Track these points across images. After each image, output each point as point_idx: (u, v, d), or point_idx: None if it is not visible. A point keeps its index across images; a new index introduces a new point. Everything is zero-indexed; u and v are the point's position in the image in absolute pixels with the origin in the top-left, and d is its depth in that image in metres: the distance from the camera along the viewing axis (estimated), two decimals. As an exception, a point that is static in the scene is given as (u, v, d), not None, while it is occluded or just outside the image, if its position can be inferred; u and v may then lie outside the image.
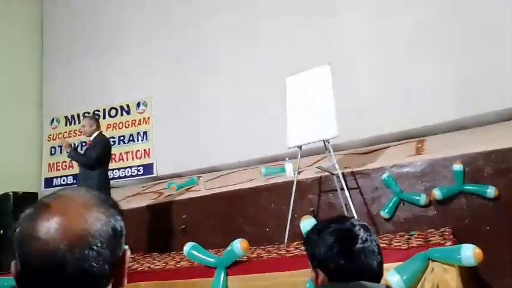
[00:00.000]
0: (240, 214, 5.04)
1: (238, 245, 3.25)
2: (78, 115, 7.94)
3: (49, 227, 0.67)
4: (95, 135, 4.78)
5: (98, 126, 4.87)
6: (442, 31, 5.45)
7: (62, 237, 0.66)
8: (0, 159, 7.22)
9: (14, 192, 5.56)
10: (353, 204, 4.16)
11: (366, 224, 1.17)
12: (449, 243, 3.11)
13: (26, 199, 5.67)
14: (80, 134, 7.68)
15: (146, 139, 7.37)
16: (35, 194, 5.90)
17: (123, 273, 0.77)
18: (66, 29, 8.54)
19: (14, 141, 7.64)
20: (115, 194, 6.74)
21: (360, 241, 1.11)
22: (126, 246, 0.79)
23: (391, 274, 2.63)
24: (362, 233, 1.12)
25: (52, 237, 0.66)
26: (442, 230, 3.95)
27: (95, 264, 0.68)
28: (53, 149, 8.05)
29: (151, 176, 7.23)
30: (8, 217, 5.44)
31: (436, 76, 5.41)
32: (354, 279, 1.07)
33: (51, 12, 8.85)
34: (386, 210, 4.31)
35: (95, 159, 4.68)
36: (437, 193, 4.12)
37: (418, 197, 4.22)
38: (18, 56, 8.28)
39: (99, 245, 0.69)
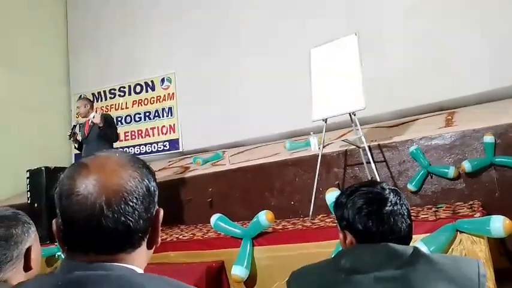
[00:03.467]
0: (265, 188, 5.06)
1: (264, 217, 3.28)
2: (104, 92, 8.08)
3: (87, 183, 0.71)
4: (91, 115, 4.90)
5: (92, 107, 5.05)
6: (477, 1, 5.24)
7: (99, 192, 0.70)
8: (33, 135, 7.48)
9: (46, 167, 5.74)
10: (379, 178, 4.12)
11: (396, 188, 1.16)
12: (478, 214, 3.06)
13: (57, 174, 5.84)
14: (107, 110, 7.86)
15: (171, 115, 7.45)
16: (66, 169, 6.07)
17: (157, 231, 0.80)
18: (91, 6, 8.61)
19: (45, 117, 7.86)
20: (142, 169, 6.89)
21: (389, 204, 1.09)
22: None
23: (418, 245, 2.61)
24: (392, 197, 1.11)
25: (90, 192, 0.70)
26: (471, 202, 3.87)
27: (130, 219, 0.72)
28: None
29: (177, 151, 7.34)
30: (41, 191, 5.64)
31: (470, 45, 5.25)
32: (382, 242, 1.06)
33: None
34: (413, 183, 4.24)
35: (117, 134, 5.00)
36: (466, 165, 4.02)
37: (446, 170, 4.13)
38: (45, 34, 8.42)
39: (134, 201, 0.72)
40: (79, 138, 4.96)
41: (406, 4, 5.71)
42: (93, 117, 4.82)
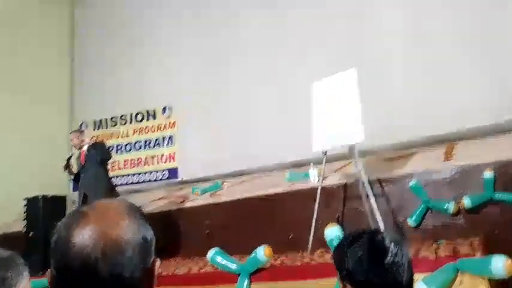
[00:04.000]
0: (264, 220, 5.01)
1: (262, 252, 3.24)
2: (106, 120, 8.13)
3: (84, 233, 0.71)
4: (85, 146, 5.00)
5: (84, 138, 5.17)
6: (483, 32, 5.33)
7: (96, 244, 0.70)
8: (31, 162, 7.46)
9: (43, 196, 5.72)
10: (379, 212, 4.08)
11: (397, 237, 1.15)
12: (479, 253, 3.02)
13: (54, 202, 5.83)
14: (108, 138, 7.89)
15: (172, 143, 7.47)
16: (64, 198, 6.04)
17: (153, 281, 0.79)
18: (97, 34, 8.76)
19: (45, 145, 7.86)
20: (140, 198, 6.86)
21: (390, 255, 1.08)
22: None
23: (419, 285, 2.57)
24: (393, 247, 1.10)
25: (87, 243, 0.70)
26: (472, 239, 3.82)
27: (126, 270, 0.71)
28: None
29: (176, 180, 7.31)
30: (38, 220, 5.59)
31: (472, 77, 5.30)
32: (383, 293, 1.04)
33: (84, 17, 9.11)
34: (413, 218, 4.21)
35: (108, 151, 5.18)
36: (466, 201, 4.00)
37: (446, 205, 4.10)
38: (50, 61, 8.54)
39: (130, 252, 0.73)
40: (74, 169, 5.01)
41: (408, 35, 5.79)
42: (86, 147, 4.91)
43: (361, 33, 6.10)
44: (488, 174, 4.02)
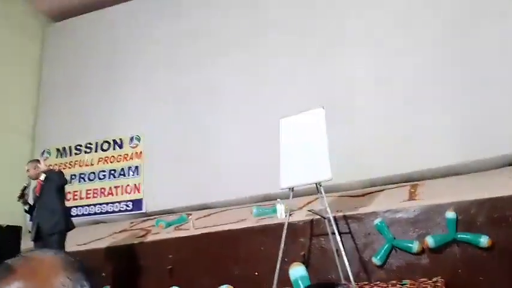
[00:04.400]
0: (229, 256, 4.90)
1: (225, 292, 3.13)
2: (70, 147, 7.87)
3: None
4: (42, 176, 4.84)
5: (40, 169, 4.98)
6: (442, 77, 5.58)
7: None
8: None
9: (-3, 225, 5.41)
10: (344, 250, 4.06)
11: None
12: (442, 295, 3.02)
13: (9, 232, 5.54)
14: (70, 166, 7.63)
15: (137, 174, 7.27)
16: (19, 228, 5.74)
17: None
18: (65, 59, 8.60)
19: (4, 171, 7.50)
20: (102, 230, 6.60)
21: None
22: None
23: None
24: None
25: None
26: (435, 279, 3.86)
27: None
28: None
29: (140, 211, 7.09)
30: (-10, 251, 5.26)
31: (435, 120, 5.49)
32: None
33: (52, 46, 8.93)
34: (378, 257, 4.21)
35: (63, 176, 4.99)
36: (430, 241, 4.05)
37: (410, 244, 4.14)
38: (14, 89, 8.26)
39: None
40: (29, 200, 4.80)
41: (378, 76, 5.97)
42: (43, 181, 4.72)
43: (331, 75, 6.25)
44: (450, 214, 4.10)
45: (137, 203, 7.11)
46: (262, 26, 7.05)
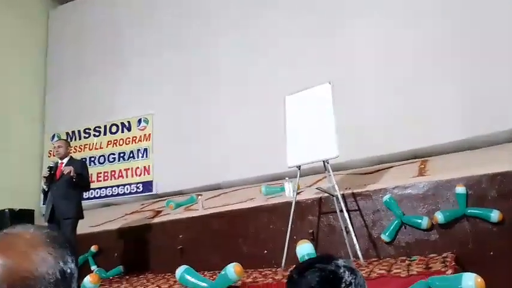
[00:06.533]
0: (239, 234, 4.93)
1: (232, 269, 3.16)
2: (79, 131, 7.93)
3: None
4: (67, 158, 4.83)
5: (70, 150, 5.04)
6: (451, 50, 5.44)
7: (3, 279, 0.62)
8: (1, 174, 7.19)
9: (10, 209, 5.51)
10: (353, 227, 4.06)
11: (352, 265, 1.08)
12: (450, 271, 3.00)
13: (22, 216, 5.63)
14: (80, 150, 7.68)
15: (146, 156, 7.32)
16: (32, 211, 5.84)
17: None
18: (71, 46, 8.59)
19: (14, 156, 7.60)
20: (113, 211, 6.69)
21: (343, 284, 1.02)
22: None
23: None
24: (347, 276, 1.04)
25: None
26: (445, 255, 3.82)
27: None
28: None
29: (151, 193, 7.15)
30: (4, 234, 5.37)
31: (443, 95, 5.38)
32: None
33: (57, 29, 8.93)
34: (387, 234, 4.19)
35: (88, 184, 4.98)
36: (439, 216, 4.00)
37: (420, 220, 4.10)
38: (22, 72, 8.30)
39: None
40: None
41: (378, 52, 5.86)
42: (64, 164, 4.69)
43: (333, 52, 6.14)
44: (460, 189, 4.05)
45: (147, 185, 7.18)
46: (263, 5, 6.93)
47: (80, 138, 7.86)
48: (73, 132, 7.99)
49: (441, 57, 5.49)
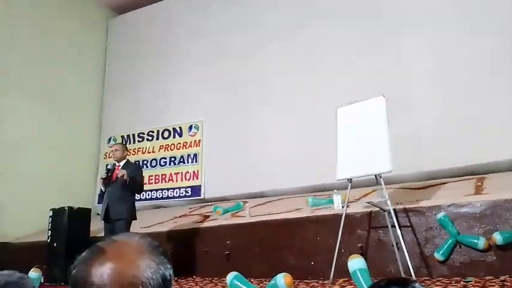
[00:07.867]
0: (285, 245, 4.94)
1: (282, 280, 3.18)
2: (133, 135, 8.27)
3: (102, 272, 0.70)
4: (124, 161, 5.05)
5: (126, 154, 5.21)
6: (509, 61, 5.22)
7: (113, 283, 0.69)
8: (60, 174, 7.63)
9: (69, 207, 5.80)
10: (404, 243, 3.96)
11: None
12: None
13: (79, 214, 5.91)
14: (134, 153, 8.00)
15: (196, 161, 7.51)
16: (89, 210, 6.11)
17: None
18: (128, 54, 9.03)
19: (73, 157, 8.04)
20: (163, 214, 6.90)
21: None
22: None
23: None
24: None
25: (104, 282, 0.69)
26: (503, 278, 3.66)
27: None
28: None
29: (199, 197, 7.32)
30: (62, 231, 5.67)
31: (502, 109, 5.17)
32: None
33: (116, 37, 9.41)
34: (441, 252, 4.06)
35: (142, 186, 5.15)
36: (498, 237, 3.83)
37: (476, 241, 3.94)
38: (83, 76, 8.79)
39: None
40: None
41: (434, 64, 5.74)
42: (121, 167, 4.92)
43: (386, 63, 6.07)
44: (521, 210, 3.86)
45: (195, 189, 7.36)
46: (313, 15, 6.96)
47: (134, 142, 8.20)
48: (128, 135, 8.35)
49: (498, 68, 5.30)
